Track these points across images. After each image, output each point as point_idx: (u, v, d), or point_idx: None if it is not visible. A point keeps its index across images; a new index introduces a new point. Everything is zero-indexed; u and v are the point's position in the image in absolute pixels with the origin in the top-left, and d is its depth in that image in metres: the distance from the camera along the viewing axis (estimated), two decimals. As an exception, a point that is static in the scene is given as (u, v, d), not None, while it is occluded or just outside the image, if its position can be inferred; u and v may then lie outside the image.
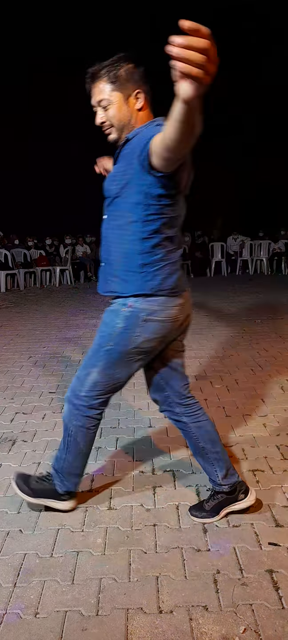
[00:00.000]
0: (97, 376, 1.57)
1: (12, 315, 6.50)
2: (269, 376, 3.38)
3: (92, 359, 1.59)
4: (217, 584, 1.41)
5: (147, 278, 1.46)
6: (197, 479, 2.00)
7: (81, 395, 1.60)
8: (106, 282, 1.56)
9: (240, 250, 11.92)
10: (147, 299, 1.48)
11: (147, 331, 1.50)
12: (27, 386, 3.34)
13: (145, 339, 1.51)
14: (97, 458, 2.23)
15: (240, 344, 4.40)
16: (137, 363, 1.58)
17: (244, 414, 2.70)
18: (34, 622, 1.30)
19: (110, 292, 1.55)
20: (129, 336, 1.51)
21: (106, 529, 1.69)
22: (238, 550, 1.56)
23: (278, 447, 2.28)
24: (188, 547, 1.58)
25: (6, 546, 1.61)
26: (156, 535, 1.65)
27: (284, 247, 11.75)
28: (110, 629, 1.27)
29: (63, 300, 8.00)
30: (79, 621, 1.30)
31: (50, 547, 1.61)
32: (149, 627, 1.27)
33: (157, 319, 1.50)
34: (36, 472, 2.11)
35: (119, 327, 1.51)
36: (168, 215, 1.44)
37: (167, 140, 1.11)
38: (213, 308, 6.58)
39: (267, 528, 1.66)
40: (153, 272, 1.46)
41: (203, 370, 3.57)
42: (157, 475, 2.06)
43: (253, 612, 1.30)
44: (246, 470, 2.06)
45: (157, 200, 1.39)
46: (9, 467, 2.17)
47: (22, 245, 11.07)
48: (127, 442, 2.40)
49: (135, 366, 1.59)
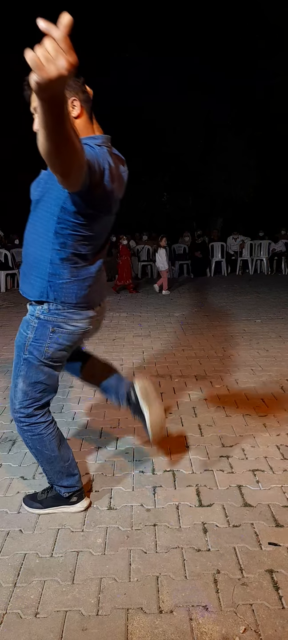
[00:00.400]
0: (24, 386, 1.61)
1: (12, 315, 6.49)
2: (269, 376, 3.38)
3: (15, 369, 1.64)
4: (217, 584, 1.41)
5: (54, 288, 1.50)
6: (197, 479, 2.00)
7: (17, 408, 1.64)
8: (22, 282, 1.60)
9: (240, 250, 11.92)
10: (52, 310, 1.52)
11: (56, 342, 1.55)
12: (27, 386, 3.33)
13: (55, 349, 1.56)
14: (97, 458, 2.23)
15: (240, 344, 4.40)
16: (56, 369, 1.63)
17: (244, 414, 2.70)
18: (34, 622, 1.30)
19: (22, 291, 1.59)
20: (40, 347, 1.55)
21: (106, 529, 1.69)
22: (238, 550, 1.56)
23: (278, 447, 2.28)
24: (188, 547, 1.58)
25: (6, 546, 1.61)
26: (156, 535, 1.65)
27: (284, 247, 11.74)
28: (110, 629, 1.27)
29: (63, 300, 7.99)
30: (79, 621, 1.30)
31: (50, 547, 1.61)
32: (149, 627, 1.27)
33: (64, 330, 1.55)
34: (36, 471, 2.11)
35: (29, 338, 1.57)
36: (82, 233, 1.44)
37: (40, 150, 1.04)
38: (213, 308, 6.59)
39: (267, 528, 1.66)
40: (60, 284, 1.50)
41: (203, 370, 3.57)
42: (157, 475, 2.06)
43: (254, 612, 1.30)
44: (246, 470, 2.06)
45: (71, 216, 1.39)
46: (9, 467, 2.17)
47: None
48: (127, 442, 2.40)
49: (56, 372, 1.64)
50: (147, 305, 7.00)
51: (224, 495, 1.88)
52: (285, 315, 5.84)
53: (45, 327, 1.53)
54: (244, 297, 7.63)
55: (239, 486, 1.93)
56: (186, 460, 2.18)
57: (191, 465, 2.13)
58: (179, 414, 2.72)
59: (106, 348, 4.37)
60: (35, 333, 1.55)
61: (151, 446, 2.26)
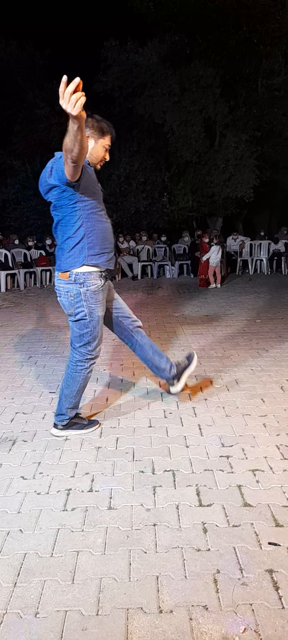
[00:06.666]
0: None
1: (12, 315, 6.50)
2: (269, 376, 3.38)
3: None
4: (217, 584, 1.41)
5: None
6: (197, 479, 2.00)
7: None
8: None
9: (240, 250, 11.92)
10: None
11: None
12: (27, 386, 3.34)
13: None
14: (97, 458, 2.23)
15: (240, 344, 4.40)
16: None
17: (244, 414, 2.70)
18: (34, 622, 1.30)
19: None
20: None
21: (106, 529, 1.69)
22: (238, 550, 1.56)
23: (278, 447, 2.28)
24: (188, 547, 1.58)
25: (6, 546, 1.61)
26: (156, 535, 1.65)
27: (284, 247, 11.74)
28: (110, 628, 1.27)
29: (63, 300, 7.99)
30: (79, 621, 1.30)
31: (50, 547, 1.61)
32: (149, 627, 1.27)
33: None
34: (36, 471, 2.11)
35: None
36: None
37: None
38: (213, 308, 6.59)
39: (267, 528, 1.66)
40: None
41: (203, 370, 3.57)
42: (157, 475, 2.06)
43: (253, 612, 1.31)
44: (246, 470, 2.06)
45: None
46: (9, 467, 2.17)
47: (22, 245, 11.08)
48: (127, 441, 2.40)
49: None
50: (147, 305, 7.01)
51: (224, 495, 1.88)
52: (285, 315, 5.84)
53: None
54: (244, 297, 7.63)
55: (239, 486, 1.94)
56: (186, 460, 2.18)
57: (191, 465, 2.13)
58: (179, 414, 2.72)
59: (106, 348, 4.37)
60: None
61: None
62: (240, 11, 11.55)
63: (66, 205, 2.13)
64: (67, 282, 2.23)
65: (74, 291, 2.22)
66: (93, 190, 2.19)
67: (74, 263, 2.20)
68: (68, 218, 2.16)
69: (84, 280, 2.21)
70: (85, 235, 2.18)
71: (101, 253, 2.24)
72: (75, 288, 2.22)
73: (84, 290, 2.22)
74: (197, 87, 12.47)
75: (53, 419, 2.53)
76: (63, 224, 2.19)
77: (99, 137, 2.21)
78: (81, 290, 2.22)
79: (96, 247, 2.21)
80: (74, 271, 2.20)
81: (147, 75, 12.86)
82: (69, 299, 2.25)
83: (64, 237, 2.22)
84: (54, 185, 2.08)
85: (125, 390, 3.19)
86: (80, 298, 2.23)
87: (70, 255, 2.20)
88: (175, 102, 12.51)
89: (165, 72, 12.65)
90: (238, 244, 12.04)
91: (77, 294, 2.22)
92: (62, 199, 2.12)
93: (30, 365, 3.88)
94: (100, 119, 2.23)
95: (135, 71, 13.00)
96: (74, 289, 2.22)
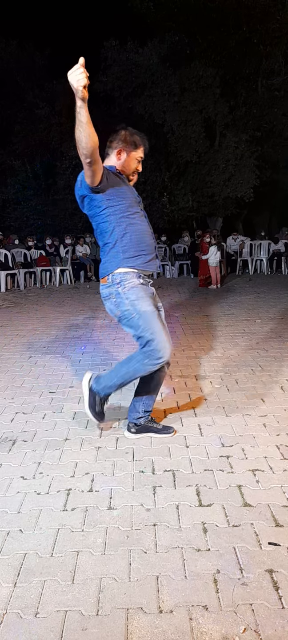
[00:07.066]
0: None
1: (12, 315, 6.50)
2: (269, 376, 3.38)
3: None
4: (217, 584, 1.41)
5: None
6: (197, 479, 2.00)
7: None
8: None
9: (240, 250, 11.92)
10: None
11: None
12: (27, 386, 3.34)
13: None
14: (97, 458, 2.23)
15: (240, 344, 4.40)
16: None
17: (244, 414, 2.70)
18: (34, 622, 1.30)
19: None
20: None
21: (106, 529, 1.69)
22: (238, 550, 1.56)
23: (278, 447, 2.28)
24: (188, 547, 1.58)
25: (6, 546, 1.61)
26: (156, 535, 1.65)
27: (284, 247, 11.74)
28: (110, 629, 1.27)
29: (63, 300, 8.00)
30: (79, 621, 1.30)
31: (50, 547, 1.61)
32: (149, 627, 1.27)
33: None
34: (36, 471, 2.11)
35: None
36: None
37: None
38: (213, 308, 6.59)
39: (267, 528, 1.66)
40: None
41: (203, 370, 3.57)
42: (157, 475, 2.06)
43: (253, 612, 1.30)
44: (246, 470, 2.06)
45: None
46: (9, 467, 2.17)
47: (22, 245, 11.08)
48: (127, 442, 2.40)
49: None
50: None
51: (224, 495, 1.88)
52: (285, 315, 5.84)
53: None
54: (244, 297, 7.64)
55: (239, 486, 1.93)
56: (186, 460, 2.18)
57: (191, 465, 2.13)
58: (179, 414, 2.72)
59: (106, 348, 4.37)
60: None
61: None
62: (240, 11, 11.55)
63: (97, 213, 2.18)
64: (107, 285, 2.23)
65: (114, 292, 2.20)
66: (122, 194, 2.18)
67: (110, 267, 2.21)
68: (101, 225, 2.20)
69: (120, 280, 2.19)
70: (118, 239, 2.18)
71: (137, 255, 2.21)
72: (115, 289, 2.19)
73: (122, 288, 2.18)
74: (197, 87, 12.47)
75: (53, 419, 2.53)
76: (98, 231, 2.25)
77: (131, 150, 2.24)
78: (119, 289, 2.18)
79: (131, 250, 2.19)
80: (111, 274, 2.20)
81: (147, 75, 12.86)
82: (112, 301, 2.22)
83: (101, 244, 2.27)
84: (84, 195, 2.14)
85: (125, 390, 3.19)
86: (121, 297, 2.18)
87: (107, 260, 2.23)
88: (175, 102, 12.52)
89: (165, 72, 12.65)
90: (238, 244, 12.04)
91: (117, 294, 2.19)
92: (92, 207, 2.17)
93: (30, 365, 3.88)
94: (134, 132, 2.26)
95: (135, 71, 13.01)
96: (113, 290, 2.20)
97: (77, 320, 5.96)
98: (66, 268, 10.79)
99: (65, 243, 11.66)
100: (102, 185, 2.07)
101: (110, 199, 2.13)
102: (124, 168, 2.26)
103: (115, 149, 2.24)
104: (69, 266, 10.83)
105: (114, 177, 2.17)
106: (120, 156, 2.24)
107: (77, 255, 11.47)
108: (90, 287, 10.05)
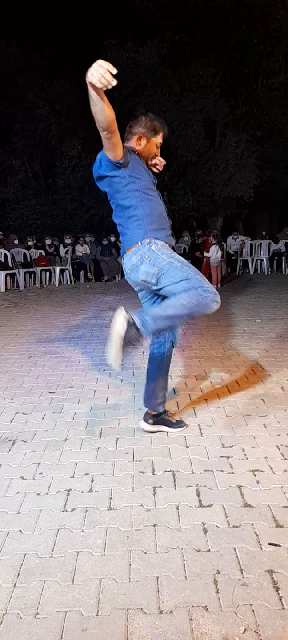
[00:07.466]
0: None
1: (12, 315, 6.50)
2: (269, 376, 3.38)
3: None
4: (217, 584, 1.41)
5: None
6: (197, 479, 2.00)
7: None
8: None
9: (240, 250, 11.92)
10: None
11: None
12: (27, 386, 3.34)
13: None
14: (97, 458, 2.23)
15: (240, 344, 4.40)
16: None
17: (244, 414, 2.70)
18: (34, 622, 1.30)
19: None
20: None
21: (106, 529, 1.69)
22: (238, 550, 1.56)
23: (278, 447, 2.28)
24: (188, 547, 1.58)
25: (6, 546, 1.61)
26: (156, 535, 1.64)
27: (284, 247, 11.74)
28: (110, 629, 1.27)
29: (63, 300, 8.00)
30: (79, 621, 1.29)
31: (50, 547, 1.60)
32: (149, 627, 1.27)
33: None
34: (36, 471, 2.11)
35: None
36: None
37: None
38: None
39: (267, 528, 1.66)
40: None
41: (203, 370, 3.57)
42: (157, 475, 2.06)
43: (254, 612, 1.30)
44: (246, 471, 2.06)
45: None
46: (9, 467, 2.17)
47: (22, 245, 11.07)
48: (127, 442, 2.40)
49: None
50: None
51: (224, 495, 1.88)
52: (285, 315, 5.84)
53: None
54: (244, 297, 7.63)
55: (239, 486, 1.93)
56: (186, 460, 2.18)
57: (191, 465, 2.13)
58: (179, 414, 2.72)
59: (106, 348, 4.37)
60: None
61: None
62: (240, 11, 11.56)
63: (119, 189, 2.17)
64: (136, 251, 2.19)
65: (146, 252, 2.17)
66: (142, 173, 2.23)
67: (136, 237, 2.20)
68: (124, 201, 2.20)
69: (149, 241, 2.18)
70: (143, 212, 2.20)
71: (160, 228, 2.24)
72: (147, 249, 2.17)
73: (155, 246, 2.17)
74: (197, 87, 12.47)
75: (53, 419, 2.52)
76: (121, 208, 2.24)
77: (151, 136, 2.27)
78: (152, 247, 2.17)
79: (154, 224, 2.22)
80: (140, 242, 2.20)
81: (147, 75, 12.86)
82: (146, 262, 2.16)
83: (123, 220, 2.26)
84: (104, 175, 2.15)
85: (125, 390, 3.19)
86: (155, 253, 2.16)
87: (132, 234, 2.21)
88: (175, 101, 12.51)
89: (165, 72, 12.65)
90: (239, 243, 12.04)
91: (150, 251, 2.16)
92: (113, 184, 2.17)
93: (30, 365, 3.88)
94: (154, 117, 2.29)
95: (135, 71, 13.00)
96: (145, 250, 2.17)
97: (77, 320, 5.95)
98: (66, 268, 10.79)
99: (65, 243, 11.66)
100: (125, 159, 2.09)
101: (132, 174, 2.16)
102: (143, 153, 2.29)
103: (136, 135, 2.26)
104: (68, 266, 10.83)
105: (134, 156, 2.21)
106: (141, 142, 2.27)
107: (76, 255, 11.47)
108: (90, 287, 10.05)
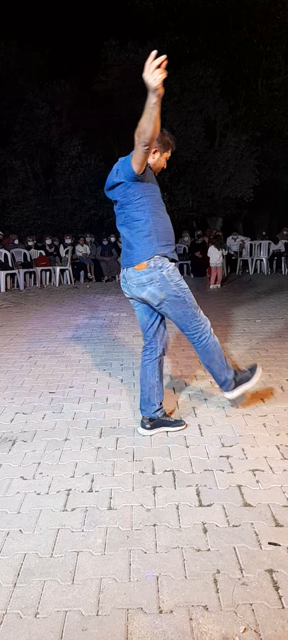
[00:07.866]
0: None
1: (12, 315, 6.50)
2: (269, 376, 3.38)
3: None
4: (217, 584, 1.41)
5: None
6: (197, 479, 2.00)
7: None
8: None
9: (240, 250, 11.92)
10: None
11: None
12: (27, 386, 3.34)
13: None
14: (97, 458, 2.23)
15: (240, 344, 4.40)
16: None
17: (244, 414, 2.70)
18: (34, 622, 1.30)
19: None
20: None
21: (106, 529, 1.69)
22: (238, 549, 1.56)
23: (278, 447, 2.28)
24: (188, 547, 1.58)
25: (6, 546, 1.61)
26: (156, 535, 1.65)
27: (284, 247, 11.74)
28: (110, 629, 1.27)
29: (63, 300, 8.00)
30: (79, 621, 1.30)
31: (50, 546, 1.61)
32: (149, 627, 1.27)
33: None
34: (36, 471, 2.11)
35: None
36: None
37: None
38: (213, 308, 6.58)
39: (267, 527, 1.66)
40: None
41: (203, 370, 3.57)
42: (157, 475, 2.06)
43: (253, 611, 1.30)
44: (246, 470, 2.06)
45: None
46: (9, 467, 2.17)
47: (22, 245, 11.07)
48: (127, 441, 2.40)
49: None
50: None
51: (224, 495, 1.88)
52: (285, 315, 5.84)
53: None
54: (244, 297, 7.64)
55: (239, 486, 1.93)
56: (186, 460, 2.18)
57: (191, 465, 2.13)
58: (179, 414, 2.72)
59: (106, 348, 4.37)
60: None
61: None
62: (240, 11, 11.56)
63: (132, 201, 2.24)
64: (147, 271, 2.28)
65: (157, 276, 2.27)
66: (154, 188, 2.31)
67: (147, 253, 2.27)
68: (134, 213, 2.26)
69: (161, 264, 2.28)
70: (152, 228, 2.27)
71: (167, 244, 2.32)
72: (158, 273, 2.27)
73: (166, 272, 2.28)
74: (197, 87, 12.48)
75: (53, 419, 2.52)
76: (130, 219, 2.29)
77: (164, 151, 2.35)
78: (163, 273, 2.27)
79: (163, 240, 2.30)
80: (152, 259, 2.27)
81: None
82: (155, 285, 2.28)
83: (132, 232, 2.30)
84: (119, 182, 2.21)
85: (125, 390, 3.19)
86: (166, 280, 2.27)
87: (142, 248, 2.28)
88: (175, 102, 12.51)
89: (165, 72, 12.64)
90: (238, 244, 12.04)
91: (161, 277, 2.27)
92: (127, 195, 2.23)
93: (30, 365, 3.88)
94: (166, 133, 2.35)
95: (135, 71, 12.98)
96: (156, 274, 2.27)
97: (77, 320, 5.95)
98: (66, 268, 10.79)
99: (65, 243, 11.66)
100: (144, 175, 2.17)
101: (145, 190, 2.23)
102: (154, 165, 2.36)
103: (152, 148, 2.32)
104: (68, 266, 10.83)
105: (149, 170, 2.29)
106: (155, 155, 2.33)
107: (77, 255, 11.47)
108: (90, 287, 10.05)
